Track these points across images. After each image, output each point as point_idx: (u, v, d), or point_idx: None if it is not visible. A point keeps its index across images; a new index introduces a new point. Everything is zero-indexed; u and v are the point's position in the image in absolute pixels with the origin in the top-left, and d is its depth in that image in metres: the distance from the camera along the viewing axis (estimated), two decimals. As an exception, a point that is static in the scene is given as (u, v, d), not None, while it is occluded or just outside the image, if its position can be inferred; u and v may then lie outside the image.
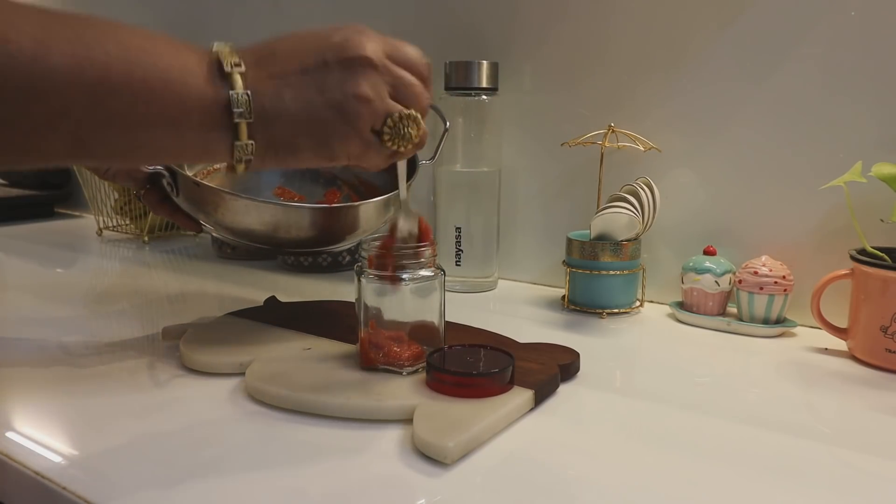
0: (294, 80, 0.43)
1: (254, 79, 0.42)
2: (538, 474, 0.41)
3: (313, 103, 0.43)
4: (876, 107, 0.64)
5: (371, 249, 0.52)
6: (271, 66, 0.43)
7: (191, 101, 0.41)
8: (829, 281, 0.62)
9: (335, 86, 0.43)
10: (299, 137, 0.44)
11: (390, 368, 0.52)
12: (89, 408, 0.49)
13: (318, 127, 0.44)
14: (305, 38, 0.44)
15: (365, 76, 0.44)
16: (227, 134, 0.42)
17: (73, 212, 1.46)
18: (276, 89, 0.43)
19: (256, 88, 0.42)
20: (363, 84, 0.43)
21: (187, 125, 0.41)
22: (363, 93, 0.43)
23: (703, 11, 0.71)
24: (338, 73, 0.43)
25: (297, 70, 0.43)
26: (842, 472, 0.42)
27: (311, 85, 0.43)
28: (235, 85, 0.41)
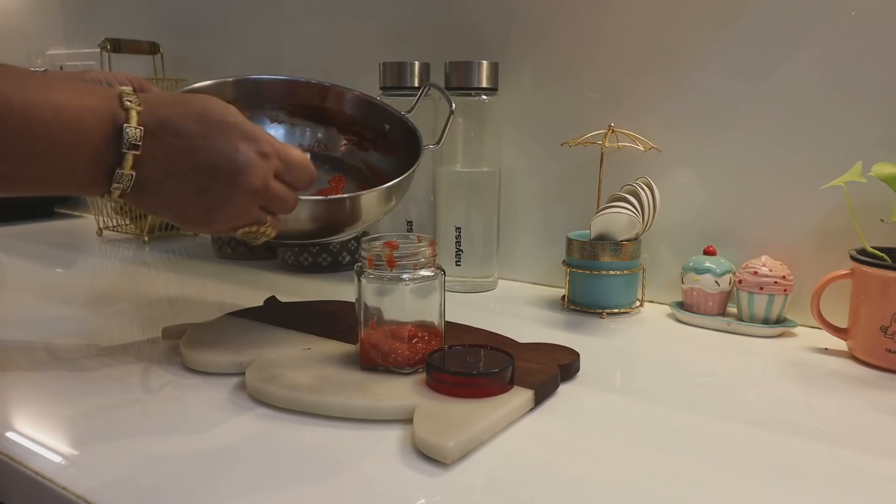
0: (182, 172, 0.47)
1: (146, 158, 0.46)
2: (538, 474, 0.41)
3: (187, 198, 0.48)
4: (876, 107, 0.64)
5: (371, 249, 0.52)
6: (168, 146, 0.47)
7: (79, 169, 0.45)
8: (829, 281, 0.62)
9: (213, 195, 0.48)
10: (163, 213, 0.50)
11: (390, 368, 0.52)
12: (89, 408, 0.49)
13: (183, 215, 0.49)
14: (213, 133, 0.47)
15: (242, 199, 0.49)
16: (103, 189, 0.46)
17: (73, 212, 1.46)
18: (161, 173, 0.46)
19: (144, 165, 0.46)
20: (238, 204, 0.49)
21: (70, 183, 0.46)
22: (234, 211, 0.49)
23: (703, 11, 0.71)
24: (222, 187, 0.48)
25: (189, 166, 0.47)
26: (842, 472, 0.42)
27: (195, 185, 0.47)
28: (125, 165, 0.45)
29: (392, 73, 0.82)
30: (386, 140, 0.74)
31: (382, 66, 0.82)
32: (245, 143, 0.48)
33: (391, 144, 0.73)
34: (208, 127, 0.47)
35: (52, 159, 0.44)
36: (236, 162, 0.47)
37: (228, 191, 0.48)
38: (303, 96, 0.74)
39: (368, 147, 0.75)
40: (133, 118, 0.45)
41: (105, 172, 0.45)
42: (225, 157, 0.47)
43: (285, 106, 0.73)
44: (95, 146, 0.44)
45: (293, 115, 0.74)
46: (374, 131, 0.74)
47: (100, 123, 0.44)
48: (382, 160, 0.74)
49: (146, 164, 0.46)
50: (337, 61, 1.00)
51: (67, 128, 0.43)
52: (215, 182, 0.47)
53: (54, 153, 0.43)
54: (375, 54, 0.90)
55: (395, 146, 0.73)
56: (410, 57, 0.83)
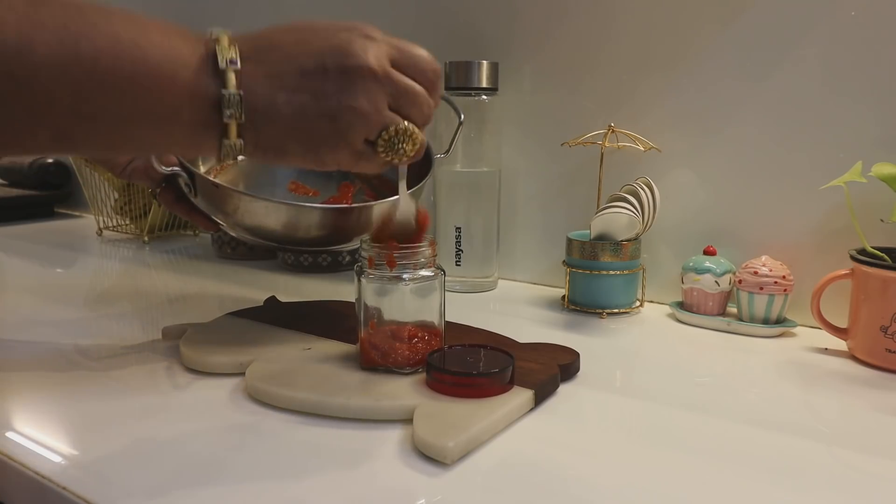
0: (290, 81, 0.42)
1: (248, 76, 0.41)
2: (538, 474, 0.41)
3: (306, 110, 0.42)
4: (876, 107, 0.64)
5: (371, 249, 0.52)
6: (268, 63, 0.42)
7: (180, 99, 0.40)
8: (829, 281, 0.62)
9: (331, 94, 0.42)
10: (288, 142, 0.43)
11: (390, 368, 0.52)
12: (89, 408, 0.49)
13: (308, 134, 0.43)
14: (307, 36, 0.43)
15: (363, 88, 0.42)
16: (216, 132, 0.41)
17: (73, 212, 1.46)
18: (270, 90, 0.41)
19: (250, 87, 0.41)
20: (360, 97, 0.42)
21: (176, 122, 0.41)
22: (359, 106, 0.42)
23: (704, 11, 0.71)
24: (336, 80, 0.42)
25: (295, 72, 0.42)
26: (842, 472, 0.42)
27: (307, 90, 0.42)
28: (228, 83, 0.40)
29: (392, 73, 0.82)
30: None
31: (382, 66, 0.82)
32: (345, 32, 0.43)
33: None
34: (302, 32, 0.43)
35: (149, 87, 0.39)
36: (341, 47, 0.42)
37: (344, 81, 0.42)
38: None
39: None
40: (224, 41, 0.41)
41: (212, 103, 0.40)
42: (328, 49, 0.42)
43: None
44: (194, 67, 0.40)
45: None
46: None
47: (192, 45, 0.40)
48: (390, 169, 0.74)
49: (251, 85, 0.41)
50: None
51: (160, 50, 0.39)
52: (327, 77, 0.42)
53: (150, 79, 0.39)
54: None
55: None
56: (410, 57, 0.83)
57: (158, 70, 0.39)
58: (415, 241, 0.52)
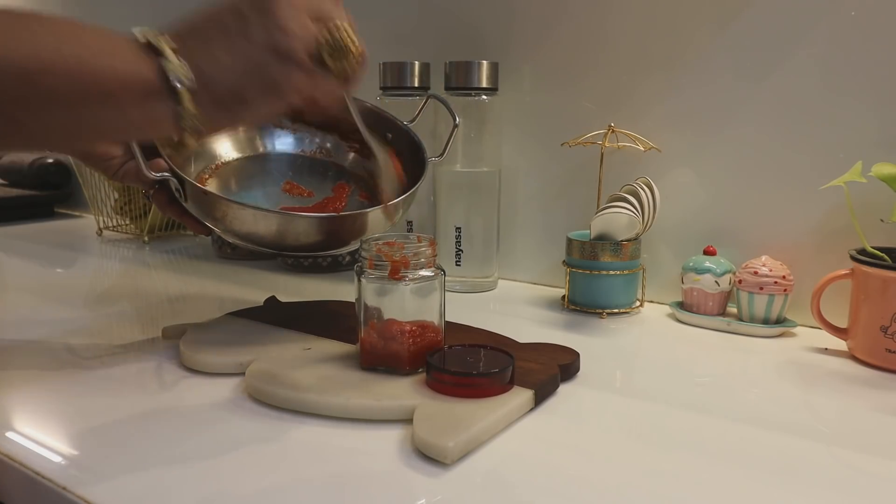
0: (220, 39, 0.44)
1: (183, 48, 0.43)
2: (538, 474, 0.41)
3: (246, 52, 0.44)
4: (876, 107, 0.64)
5: (371, 249, 0.52)
6: (195, 35, 0.44)
7: (128, 75, 0.42)
8: (829, 281, 0.62)
9: (258, 29, 0.44)
10: (245, 88, 0.45)
11: (390, 368, 0.52)
12: (89, 408, 0.49)
13: (258, 72, 0.44)
14: (218, 8, 0.45)
15: (282, 13, 0.44)
16: (170, 104, 0.43)
17: (73, 212, 1.46)
18: (207, 51, 0.44)
19: (188, 56, 0.43)
20: (281, 18, 0.44)
21: (128, 100, 0.42)
22: (285, 25, 0.44)
23: (703, 11, 0.71)
24: (256, 18, 0.44)
25: (220, 30, 0.44)
26: (842, 472, 0.42)
27: (237, 37, 0.44)
28: (167, 55, 0.42)
29: (392, 74, 0.82)
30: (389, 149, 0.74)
31: (382, 66, 0.82)
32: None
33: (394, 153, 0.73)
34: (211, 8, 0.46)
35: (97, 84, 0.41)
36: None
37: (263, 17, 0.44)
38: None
39: (370, 155, 0.75)
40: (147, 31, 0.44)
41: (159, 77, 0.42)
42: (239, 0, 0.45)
43: (288, 112, 0.73)
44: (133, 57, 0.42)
45: (295, 120, 0.74)
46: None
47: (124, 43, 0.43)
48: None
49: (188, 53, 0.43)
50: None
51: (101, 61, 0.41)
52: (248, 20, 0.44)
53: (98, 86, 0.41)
54: (376, 54, 0.89)
55: (397, 155, 0.73)
56: (411, 57, 0.83)
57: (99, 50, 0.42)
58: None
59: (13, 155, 1.46)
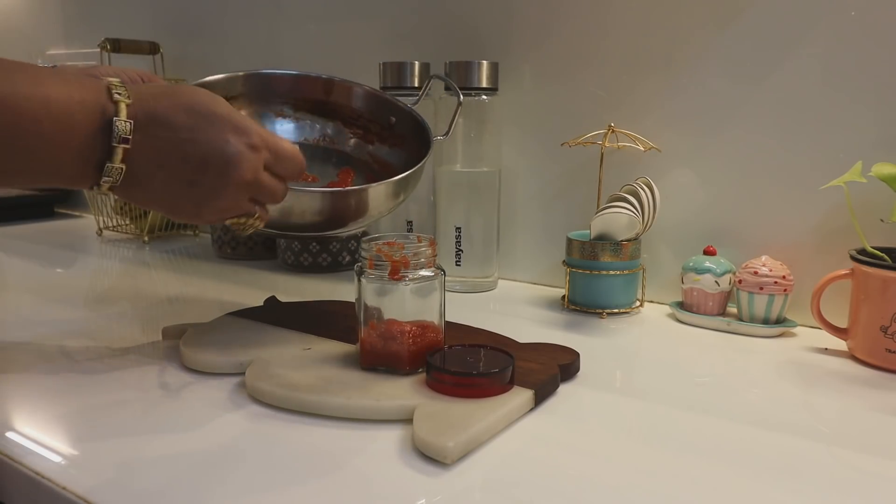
0: (172, 164, 0.47)
1: (136, 148, 0.45)
2: (538, 474, 0.41)
3: (179, 192, 0.48)
4: (876, 107, 0.64)
5: (371, 249, 0.52)
6: (158, 138, 0.46)
7: (68, 163, 0.45)
8: (829, 281, 0.62)
9: (204, 187, 0.48)
10: (153, 206, 0.50)
11: (390, 368, 0.52)
12: (89, 408, 0.49)
13: (173, 207, 0.49)
14: (202, 125, 0.47)
15: (233, 192, 0.49)
16: (91, 183, 0.46)
17: (73, 212, 1.46)
18: (151, 166, 0.46)
19: (134, 159, 0.46)
20: (228, 197, 0.49)
21: (58, 177, 0.46)
22: (224, 204, 0.49)
23: (703, 11, 0.71)
24: (213, 179, 0.47)
25: (180, 157, 0.46)
26: (842, 472, 0.42)
27: (185, 177, 0.47)
28: (115, 159, 0.45)
29: (392, 73, 0.82)
30: (392, 133, 0.74)
31: (382, 65, 0.82)
32: (235, 136, 0.47)
33: (398, 137, 0.73)
34: (198, 118, 0.47)
35: (41, 153, 0.43)
36: (226, 155, 0.47)
37: (218, 184, 0.48)
38: (307, 90, 0.74)
39: (374, 140, 0.75)
40: (122, 111, 0.44)
41: (94, 166, 0.45)
42: (215, 150, 0.47)
43: (290, 101, 0.74)
44: (85, 139, 0.44)
45: (298, 109, 0.74)
46: (379, 124, 0.74)
47: (89, 117, 0.44)
48: (390, 153, 0.74)
49: (136, 158, 0.45)
50: (337, 61, 1.00)
51: (56, 121, 0.43)
52: (205, 175, 0.47)
53: (43, 146, 0.43)
54: (375, 54, 0.90)
55: (402, 139, 0.73)
56: (410, 57, 0.83)
57: (53, 142, 0.44)
58: None
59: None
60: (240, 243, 0.99)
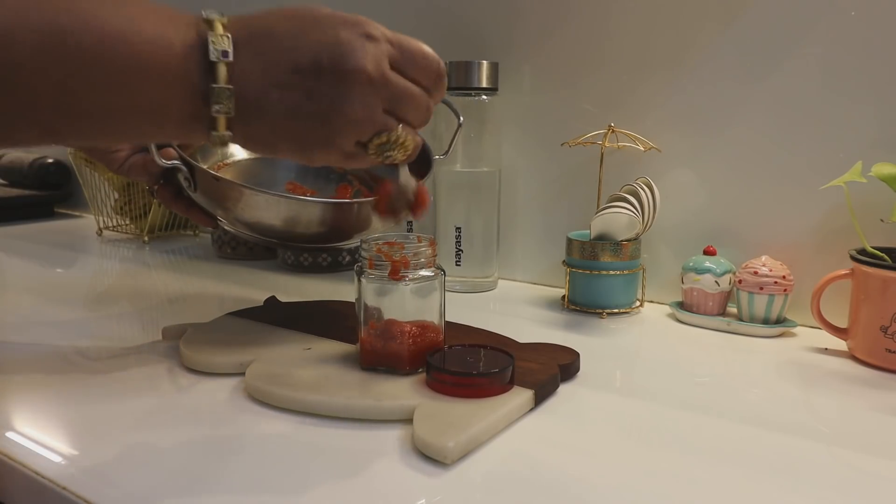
0: (284, 77, 0.41)
1: (240, 68, 0.40)
2: (538, 474, 0.41)
3: (299, 109, 0.41)
4: (876, 107, 0.64)
5: (371, 249, 0.52)
6: (263, 53, 0.41)
7: (170, 93, 0.39)
8: (829, 281, 0.62)
9: (325, 96, 0.41)
10: (279, 140, 0.42)
11: (390, 368, 0.52)
12: (89, 408, 0.49)
13: (300, 134, 0.42)
14: (307, 26, 0.42)
15: (359, 92, 0.41)
16: (206, 123, 0.41)
17: (73, 212, 1.46)
18: (262, 85, 0.41)
19: (241, 81, 0.40)
20: (355, 101, 0.42)
21: (165, 116, 0.40)
22: (353, 111, 0.42)
23: (704, 11, 0.71)
24: (330, 82, 0.41)
25: (289, 67, 0.41)
26: (842, 472, 0.42)
27: (301, 88, 0.41)
28: (219, 78, 0.39)
29: (392, 73, 0.82)
30: None
31: (382, 66, 0.82)
32: (345, 28, 0.42)
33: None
34: (301, 22, 0.41)
35: (138, 81, 0.38)
36: (338, 48, 0.41)
37: (339, 84, 0.41)
38: None
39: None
40: (218, 27, 0.40)
41: (202, 95, 0.40)
42: (325, 46, 0.41)
43: None
44: (184, 59, 0.39)
45: None
46: None
47: (183, 33, 0.39)
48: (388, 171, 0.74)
49: (243, 78, 0.40)
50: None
51: (149, 42, 0.38)
52: (322, 77, 0.41)
53: (138, 73, 0.38)
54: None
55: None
56: (410, 57, 0.83)
57: (146, 64, 0.38)
58: (413, 215, 0.52)
59: (13, 155, 1.46)
60: (240, 243, 0.99)
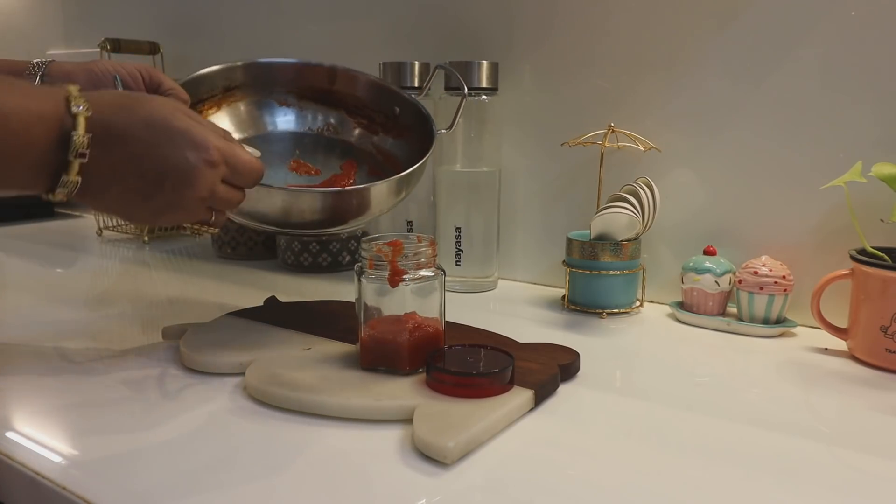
0: (128, 180, 0.47)
1: (92, 164, 0.45)
2: (538, 474, 0.41)
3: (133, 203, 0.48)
4: (876, 107, 0.64)
5: (371, 249, 0.52)
6: (116, 154, 0.46)
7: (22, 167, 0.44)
8: (829, 281, 0.62)
9: (160, 201, 0.48)
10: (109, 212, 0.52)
11: (390, 368, 0.52)
12: (89, 408, 0.49)
13: (128, 216, 0.51)
14: (161, 140, 0.47)
15: (191, 206, 0.49)
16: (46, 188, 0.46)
17: (73, 212, 1.46)
18: (105, 182, 0.46)
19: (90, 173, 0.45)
20: (183, 212, 0.50)
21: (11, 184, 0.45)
22: (181, 216, 0.50)
23: (703, 11, 0.71)
24: (169, 195, 0.48)
25: (136, 173, 0.47)
26: (842, 472, 0.42)
27: (140, 192, 0.47)
28: (70, 172, 0.44)
29: (392, 73, 0.82)
30: (397, 123, 0.73)
31: (382, 66, 0.82)
32: (193, 152, 0.47)
33: (402, 128, 0.73)
34: (156, 133, 0.46)
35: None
36: (183, 172, 0.47)
37: (174, 198, 0.48)
38: (311, 79, 0.73)
39: (378, 130, 0.75)
40: (81, 125, 0.44)
41: (50, 176, 0.45)
42: (172, 167, 0.47)
43: (294, 89, 0.73)
44: (42, 153, 0.44)
45: (302, 98, 0.74)
46: (384, 115, 0.74)
47: (47, 130, 0.43)
48: (394, 144, 0.73)
49: (92, 171, 0.45)
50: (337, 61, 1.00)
51: (13, 135, 0.42)
52: (162, 190, 0.47)
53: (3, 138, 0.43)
54: (375, 54, 0.90)
55: (406, 130, 0.72)
56: (410, 57, 0.83)
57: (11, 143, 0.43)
58: None
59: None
60: (240, 243, 0.99)
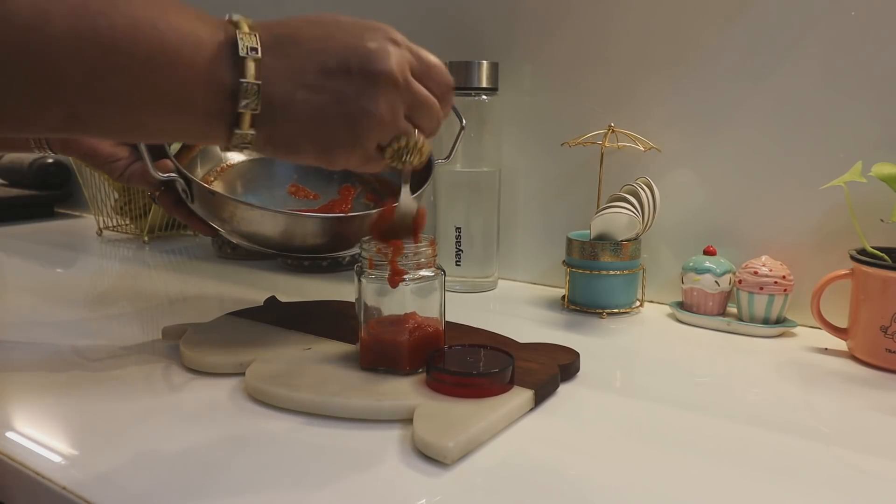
0: (311, 79, 0.41)
1: (268, 67, 0.40)
2: (538, 474, 0.41)
3: (326, 111, 0.41)
4: (876, 107, 0.64)
5: (371, 249, 0.52)
6: (290, 56, 0.41)
7: (196, 85, 0.39)
8: (829, 281, 0.62)
9: (353, 98, 0.42)
10: (303, 141, 0.42)
11: (391, 368, 0.52)
12: (89, 407, 0.49)
13: (324, 135, 0.42)
14: (332, 31, 0.42)
15: (385, 94, 0.42)
16: (229, 121, 0.40)
17: (73, 212, 1.46)
18: (289, 86, 0.41)
19: (269, 79, 0.40)
20: (381, 103, 0.42)
21: (189, 109, 0.40)
22: (379, 112, 0.42)
23: (704, 11, 0.71)
24: (358, 84, 0.42)
25: (317, 69, 0.41)
26: (842, 472, 0.42)
27: (328, 90, 0.41)
28: (247, 73, 0.39)
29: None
30: None
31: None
32: (371, 34, 0.43)
33: None
34: (326, 27, 0.42)
35: (165, 70, 0.38)
36: (366, 49, 0.42)
37: (367, 86, 0.42)
38: None
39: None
40: (244, 27, 0.40)
41: (228, 92, 0.39)
42: (353, 49, 0.41)
43: None
44: (212, 53, 0.39)
45: None
46: None
47: (211, 30, 0.39)
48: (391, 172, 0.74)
49: (271, 78, 0.40)
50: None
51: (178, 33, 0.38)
52: (350, 79, 0.41)
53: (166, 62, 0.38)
54: (375, 54, 0.90)
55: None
56: (410, 57, 0.83)
57: (175, 54, 0.38)
58: (412, 239, 0.52)
59: (13, 155, 1.46)
60: (240, 243, 0.99)
